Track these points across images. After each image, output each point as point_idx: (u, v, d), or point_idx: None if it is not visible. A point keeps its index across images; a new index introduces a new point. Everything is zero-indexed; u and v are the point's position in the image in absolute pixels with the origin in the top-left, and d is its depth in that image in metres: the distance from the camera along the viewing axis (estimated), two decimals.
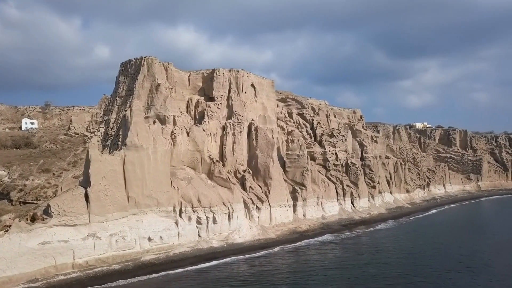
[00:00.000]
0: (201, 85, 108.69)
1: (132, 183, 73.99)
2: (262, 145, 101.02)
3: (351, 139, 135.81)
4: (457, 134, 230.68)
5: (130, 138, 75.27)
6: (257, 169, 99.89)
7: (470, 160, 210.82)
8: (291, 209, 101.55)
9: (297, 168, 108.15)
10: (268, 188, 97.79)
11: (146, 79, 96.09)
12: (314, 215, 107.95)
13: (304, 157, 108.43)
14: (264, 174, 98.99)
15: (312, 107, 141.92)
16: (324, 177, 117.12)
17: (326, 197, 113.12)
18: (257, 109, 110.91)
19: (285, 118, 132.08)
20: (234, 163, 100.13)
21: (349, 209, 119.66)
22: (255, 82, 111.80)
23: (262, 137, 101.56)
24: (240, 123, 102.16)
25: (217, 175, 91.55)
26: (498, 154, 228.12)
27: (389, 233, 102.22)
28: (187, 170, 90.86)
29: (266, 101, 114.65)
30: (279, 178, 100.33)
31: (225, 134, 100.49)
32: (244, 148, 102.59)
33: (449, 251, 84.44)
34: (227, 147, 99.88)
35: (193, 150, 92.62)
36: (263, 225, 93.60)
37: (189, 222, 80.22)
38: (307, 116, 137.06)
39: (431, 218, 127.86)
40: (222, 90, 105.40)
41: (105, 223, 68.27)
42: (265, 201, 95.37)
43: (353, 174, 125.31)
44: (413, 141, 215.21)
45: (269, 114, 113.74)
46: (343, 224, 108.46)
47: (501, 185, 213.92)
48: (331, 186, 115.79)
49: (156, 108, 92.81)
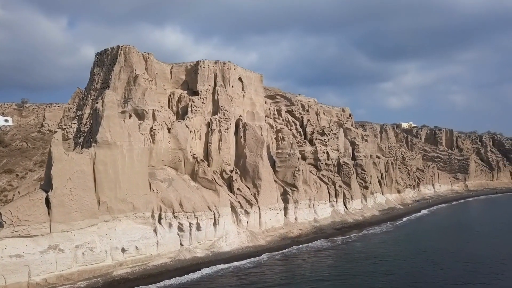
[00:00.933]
0: (184, 78, 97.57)
1: (103, 185, 62.49)
2: (250, 143, 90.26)
3: (343, 137, 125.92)
4: (443, 134, 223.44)
5: (101, 134, 63.75)
6: (246, 169, 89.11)
7: (457, 160, 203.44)
8: (281, 212, 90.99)
9: (288, 168, 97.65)
10: (258, 189, 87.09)
11: (123, 70, 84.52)
12: (306, 218, 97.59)
13: (295, 156, 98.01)
14: (253, 175, 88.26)
15: (301, 104, 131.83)
16: (316, 178, 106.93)
17: (318, 198, 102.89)
18: (245, 105, 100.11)
19: (274, 115, 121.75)
20: (220, 163, 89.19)
21: (342, 211, 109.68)
22: (242, 75, 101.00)
23: (251, 135, 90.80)
24: (227, 119, 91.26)
25: (201, 176, 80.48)
26: (483, 154, 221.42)
27: (386, 238, 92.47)
28: (168, 170, 79.59)
29: (255, 96, 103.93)
30: (269, 179, 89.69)
31: (210, 131, 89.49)
32: (231, 147, 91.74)
33: (454, 258, 74.90)
34: (213, 145, 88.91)
35: (175, 148, 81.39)
36: (252, 230, 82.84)
37: (169, 229, 68.99)
38: (296, 114, 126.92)
39: (426, 219, 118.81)
40: (207, 83, 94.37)
41: (70, 232, 56.65)
42: (254, 204, 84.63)
43: (346, 174, 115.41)
44: (400, 140, 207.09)
45: (258, 110, 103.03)
46: (337, 228, 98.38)
47: (487, 184, 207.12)
48: (323, 187, 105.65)
49: (134, 102, 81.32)
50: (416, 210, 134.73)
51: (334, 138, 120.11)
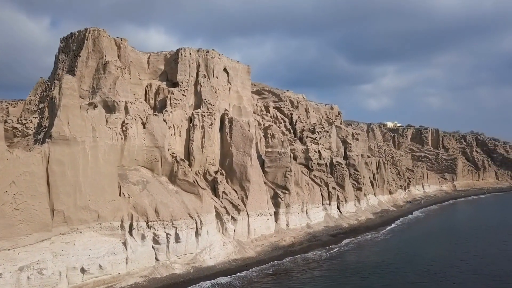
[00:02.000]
0: (163, 69, 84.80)
1: (59, 190, 49.38)
2: (238, 141, 77.95)
3: (335, 135, 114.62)
4: (429, 133, 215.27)
5: (57, 128, 50.63)
6: (232, 169, 76.76)
7: (444, 160, 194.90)
8: (272, 217, 78.87)
9: (278, 169, 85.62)
10: (246, 193, 74.85)
11: (91, 56, 71.29)
12: (299, 223, 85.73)
13: (287, 155, 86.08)
14: (241, 176, 75.96)
15: (290, 100, 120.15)
16: (308, 179, 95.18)
17: (311, 202, 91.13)
18: (231, 98, 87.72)
19: (261, 111, 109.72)
20: (203, 163, 76.66)
21: (336, 215, 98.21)
22: (228, 66, 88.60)
23: (238, 131, 78.49)
24: (211, 113, 78.78)
25: (181, 177, 67.79)
26: (469, 154, 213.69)
27: (386, 245, 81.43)
28: (143, 171, 66.72)
29: (242, 90, 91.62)
30: (258, 181, 77.51)
31: (192, 127, 76.89)
32: (215, 144, 79.28)
33: (469, 268, 64.15)
34: (195, 142, 76.31)
35: (151, 146, 68.56)
36: (240, 240, 70.53)
37: (142, 241, 56.14)
38: (285, 110, 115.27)
39: (423, 222, 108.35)
40: (188, 73, 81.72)
41: (12, 251, 43.43)
42: (242, 209, 72.31)
43: (339, 175, 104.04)
44: (387, 140, 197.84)
45: (245, 104, 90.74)
46: (332, 234, 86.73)
47: (474, 184, 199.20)
48: (315, 189, 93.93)
49: (103, 92, 68.19)
50: (410, 212, 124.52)
51: (326, 136, 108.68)
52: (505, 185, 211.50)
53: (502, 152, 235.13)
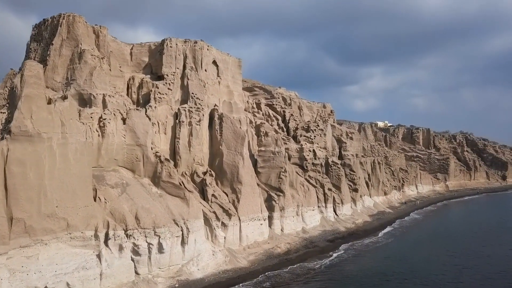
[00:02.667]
0: (147, 61, 77.00)
1: (19, 195, 41.28)
2: (228, 139, 70.37)
3: (331, 134, 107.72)
4: (420, 133, 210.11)
5: (18, 122, 42.58)
6: (222, 170, 69.16)
7: (437, 160, 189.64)
8: (266, 222, 71.43)
9: (272, 169, 78.26)
10: (237, 196, 67.31)
11: (65, 44, 63.15)
12: (294, 228, 78.48)
13: (281, 155, 78.75)
14: (232, 177, 68.40)
15: (282, 97, 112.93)
16: (303, 180, 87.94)
17: (306, 204, 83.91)
18: (220, 93, 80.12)
19: (253, 108, 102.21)
20: (190, 163, 68.94)
21: (332, 218, 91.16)
22: (218, 58, 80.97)
23: (229, 128, 70.93)
24: (199, 109, 71.08)
25: (165, 179, 59.98)
26: (460, 154, 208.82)
27: (387, 251, 74.77)
28: (122, 172, 58.79)
29: (232, 84, 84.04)
30: (251, 182, 70.01)
31: (178, 124, 69.12)
32: (204, 143, 71.59)
33: (481, 274, 57.60)
34: (181, 140, 68.56)
35: (132, 144, 60.66)
36: (231, 248, 62.95)
37: (120, 253, 48.25)
38: (277, 108, 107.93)
39: (421, 225, 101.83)
40: (174, 65, 73.95)
41: None
42: (234, 214, 64.74)
43: (335, 176, 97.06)
44: (378, 139, 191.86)
45: (236, 100, 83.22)
46: (329, 239, 79.62)
47: (466, 184, 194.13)
48: (311, 190, 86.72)
49: (78, 84, 60.10)
50: (406, 213, 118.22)
51: (321, 135, 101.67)
52: (496, 185, 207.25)
53: (492, 152, 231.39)
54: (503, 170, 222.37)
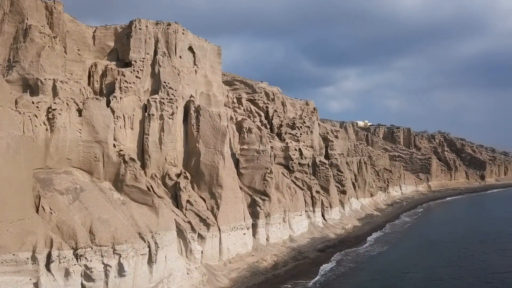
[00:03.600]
0: (112, 46, 65.61)
1: None
2: (207, 135, 59.63)
3: (318, 131, 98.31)
4: (401, 132, 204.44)
5: None
6: (200, 172, 58.36)
7: (419, 159, 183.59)
8: (249, 231, 61.03)
9: (256, 170, 67.95)
10: (217, 201, 56.67)
11: (8, 20, 51.33)
12: (280, 236, 68.44)
13: (266, 154, 68.55)
14: (211, 180, 57.69)
15: (265, 92, 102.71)
16: (289, 182, 78.01)
17: (293, 209, 74.04)
18: (197, 84, 69.20)
19: (233, 103, 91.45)
20: (161, 163, 57.92)
21: (320, 224, 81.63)
22: (194, 44, 70.05)
23: (207, 123, 60.19)
24: (172, 100, 60.06)
25: (130, 183, 48.84)
26: (441, 153, 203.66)
27: (385, 262, 65.86)
28: (76, 175, 47.31)
29: (211, 74, 73.25)
30: (233, 186, 59.45)
31: (147, 117, 58.00)
32: (178, 140, 60.59)
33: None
34: (151, 137, 57.46)
35: (89, 141, 49.23)
36: (210, 264, 52.31)
37: (66, 279, 36.95)
38: (260, 103, 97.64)
39: (415, 229, 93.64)
40: (144, 50, 62.69)
41: None
42: (213, 224, 54.06)
43: (323, 177, 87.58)
44: (360, 139, 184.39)
45: (215, 92, 72.48)
46: (319, 249, 69.95)
47: (447, 184, 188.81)
48: (298, 193, 76.88)
49: (23, 67, 48.33)
50: (395, 216, 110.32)
51: (308, 132, 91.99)
52: (475, 185, 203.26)
53: (470, 151, 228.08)
54: (482, 169, 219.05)
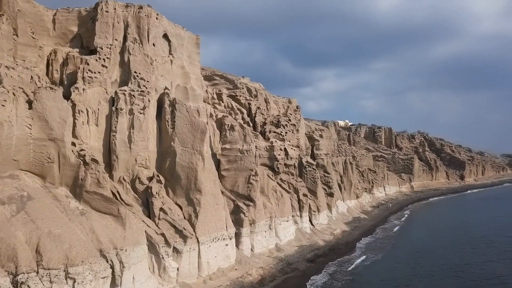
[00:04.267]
0: (76, 31, 57.06)
1: None
2: (183, 132, 51.79)
3: (304, 130, 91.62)
4: (382, 132, 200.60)
5: None
6: (175, 175, 50.46)
7: (401, 159, 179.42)
8: (232, 242, 53.46)
9: (239, 172, 60.47)
10: (195, 209, 48.93)
11: None
12: (266, 245, 61.19)
13: (251, 154, 61.17)
14: (188, 184, 49.87)
15: (247, 87, 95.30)
16: (275, 184, 70.86)
17: (280, 214, 66.91)
18: (173, 75, 61.22)
19: (213, 99, 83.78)
20: (131, 165, 49.80)
21: (308, 230, 74.85)
22: (170, 32, 62.07)
23: (184, 119, 52.35)
24: (144, 93, 52.01)
25: (92, 189, 40.66)
26: (422, 153, 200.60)
27: (382, 272, 59.33)
28: (24, 179, 38.81)
29: (188, 66, 65.38)
30: (213, 190, 51.72)
31: (115, 112, 49.84)
32: (150, 138, 52.51)
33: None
34: (119, 135, 49.34)
35: (42, 139, 40.86)
36: (186, 282, 44.54)
37: None
38: (241, 99, 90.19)
39: (406, 232, 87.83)
40: (112, 36, 54.40)
41: None
42: (190, 235, 46.29)
43: (310, 179, 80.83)
44: (342, 138, 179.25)
45: (193, 85, 64.60)
46: (309, 259, 62.96)
47: (429, 185, 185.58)
48: (285, 197, 69.79)
49: None
50: (383, 219, 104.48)
51: (294, 131, 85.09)
52: (455, 185, 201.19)
53: (449, 151, 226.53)
54: (461, 169, 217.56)
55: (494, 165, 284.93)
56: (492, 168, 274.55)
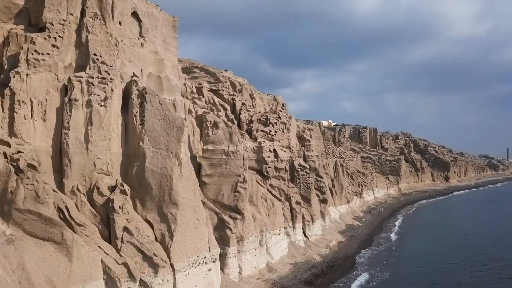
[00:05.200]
0: (22, 5, 45.26)
1: None
2: (155, 130, 41.01)
3: (295, 130, 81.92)
4: (367, 132, 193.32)
5: None
6: (145, 183, 39.60)
7: (388, 161, 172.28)
8: (216, 265, 42.97)
9: (224, 178, 49.96)
10: (170, 227, 38.22)
11: None
12: (256, 265, 51.04)
13: (238, 156, 50.71)
14: (161, 195, 39.12)
15: (230, 81, 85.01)
16: (265, 191, 60.70)
17: (271, 227, 56.84)
18: (144, 61, 50.25)
19: (192, 94, 73.07)
20: (89, 171, 38.70)
21: (302, 243, 65.09)
22: (141, 10, 51.12)
23: (157, 113, 41.57)
24: (106, 80, 41.02)
25: (25, 206, 29.50)
26: (407, 154, 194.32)
27: None
28: None
29: (163, 51, 54.54)
30: (193, 202, 41.05)
31: (68, 104, 38.71)
32: (114, 137, 41.47)
33: None
34: (73, 132, 38.26)
35: None
36: None
37: None
38: (224, 94, 79.94)
39: (405, 244, 79.03)
40: (66, 10, 43.12)
41: None
42: (163, 264, 35.56)
43: (303, 184, 71.11)
44: (327, 138, 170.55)
45: (169, 74, 53.73)
46: (306, 280, 53.06)
47: (415, 187, 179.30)
48: (276, 206, 59.69)
49: None
50: (378, 227, 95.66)
51: (284, 130, 75.14)
52: (441, 186, 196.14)
53: (433, 152, 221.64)
54: (446, 171, 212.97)
55: (475, 166, 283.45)
56: (474, 169, 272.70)
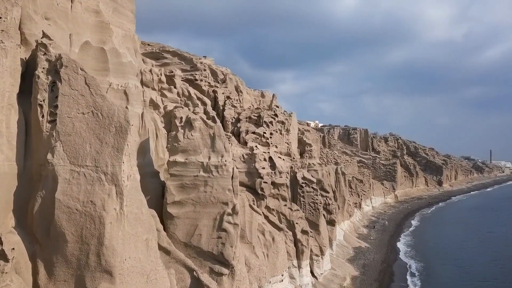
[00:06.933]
0: None
1: None
2: (76, 132, 21.92)
3: (297, 131, 63.97)
4: (358, 134, 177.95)
5: None
6: (53, 231, 20.22)
7: (382, 165, 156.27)
8: None
9: (203, 209, 31.12)
10: None
11: None
12: None
13: (225, 173, 31.76)
14: (82, 256, 19.71)
15: (211, 69, 66.50)
16: (261, 220, 42.21)
17: (271, 272, 38.56)
18: (77, 23, 31.14)
19: (160, 83, 53.86)
20: None
21: (310, 285, 46.90)
22: None
23: (81, 101, 22.55)
24: None
25: None
26: (401, 158, 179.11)
27: None
28: None
29: (111, 13, 35.46)
30: (144, 266, 22.29)
31: None
32: (2, 144, 22.36)
33: None
34: None
35: None
36: None
37: None
38: (203, 85, 61.47)
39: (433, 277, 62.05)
40: None
41: None
42: None
43: (309, 204, 52.91)
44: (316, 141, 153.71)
45: (119, 47, 34.71)
46: None
47: (411, 193, 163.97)
48: (277, 241, 41.31)
49: None
50: (389, 247, 78.68)
51: (282, 131, 56.80)
52: (435, 192, 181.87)
53: (424, 155, 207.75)
54: (438, 174, 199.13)
55: (463, 169, 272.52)
56: (462, 173, 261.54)
